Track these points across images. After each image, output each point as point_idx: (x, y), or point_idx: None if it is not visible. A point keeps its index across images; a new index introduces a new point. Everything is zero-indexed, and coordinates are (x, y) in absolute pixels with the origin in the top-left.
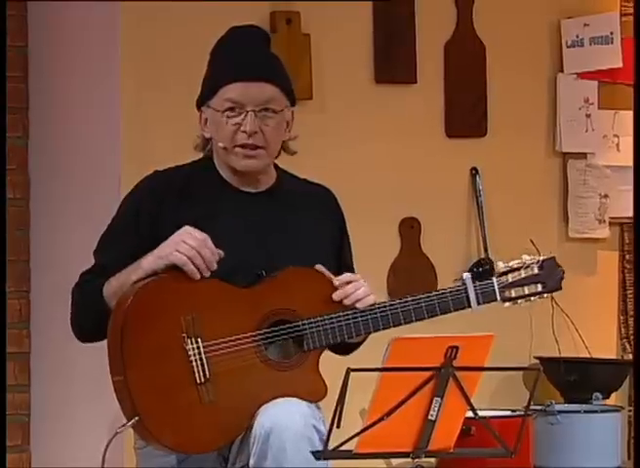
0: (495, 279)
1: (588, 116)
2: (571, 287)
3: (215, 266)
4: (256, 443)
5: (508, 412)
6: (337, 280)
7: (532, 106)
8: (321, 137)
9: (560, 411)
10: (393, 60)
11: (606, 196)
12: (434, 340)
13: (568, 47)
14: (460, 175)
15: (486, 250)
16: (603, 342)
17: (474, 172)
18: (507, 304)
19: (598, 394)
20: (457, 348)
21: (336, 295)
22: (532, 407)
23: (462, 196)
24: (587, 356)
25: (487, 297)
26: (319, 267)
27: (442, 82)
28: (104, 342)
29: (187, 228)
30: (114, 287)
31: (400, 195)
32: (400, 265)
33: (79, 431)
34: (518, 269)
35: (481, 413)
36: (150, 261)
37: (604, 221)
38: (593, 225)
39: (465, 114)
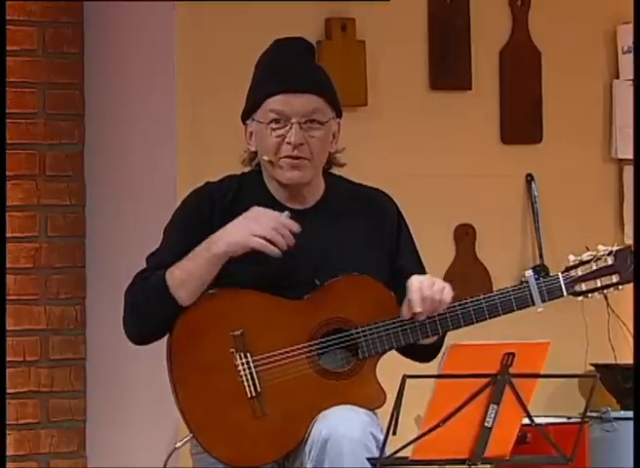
0: (560, 274)
1: None
2: (627, 293)
3: (293, 241)
4: (313, 449)
5: (564, 419)
6: (414, 306)
7: (587, 113)
8: (376, 144)
9: (616, 418)
10: (448, 67)
11: None
12: (490, 347)
13: (624, 53)
14: (515, 181)
15: (541, 256)
16: None
17: (530, 178)
18: (580, 298)
19: None
20: (513, 355)
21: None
22: (588, 413)
23: (518, 203)
24: None
25: (552, 294)
26: None
27: (497, 88)
28: (161, 348)
29: (257, 209)
30: (179, 275)
31: (455, 202)
32: (455, 272)
33: (135, 437)
34: (589, 261)
35: (537, 420)
36: (222, 246)
37: None
38: None
39: (521, 120)
